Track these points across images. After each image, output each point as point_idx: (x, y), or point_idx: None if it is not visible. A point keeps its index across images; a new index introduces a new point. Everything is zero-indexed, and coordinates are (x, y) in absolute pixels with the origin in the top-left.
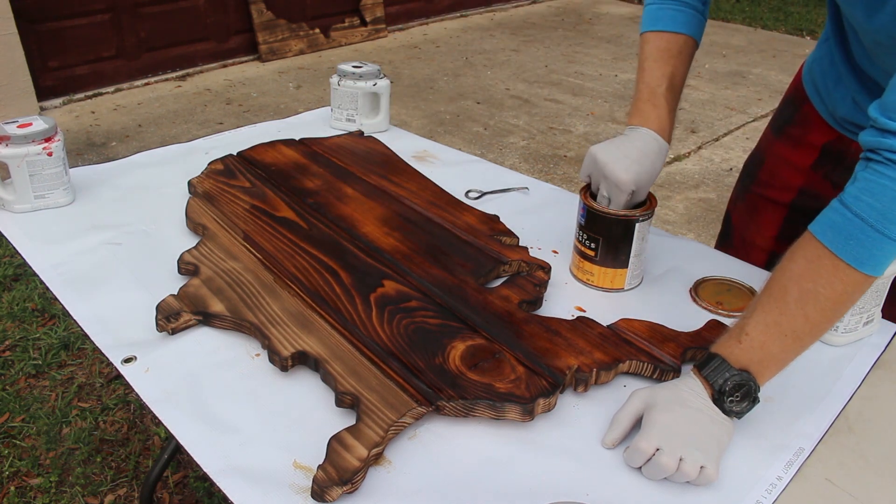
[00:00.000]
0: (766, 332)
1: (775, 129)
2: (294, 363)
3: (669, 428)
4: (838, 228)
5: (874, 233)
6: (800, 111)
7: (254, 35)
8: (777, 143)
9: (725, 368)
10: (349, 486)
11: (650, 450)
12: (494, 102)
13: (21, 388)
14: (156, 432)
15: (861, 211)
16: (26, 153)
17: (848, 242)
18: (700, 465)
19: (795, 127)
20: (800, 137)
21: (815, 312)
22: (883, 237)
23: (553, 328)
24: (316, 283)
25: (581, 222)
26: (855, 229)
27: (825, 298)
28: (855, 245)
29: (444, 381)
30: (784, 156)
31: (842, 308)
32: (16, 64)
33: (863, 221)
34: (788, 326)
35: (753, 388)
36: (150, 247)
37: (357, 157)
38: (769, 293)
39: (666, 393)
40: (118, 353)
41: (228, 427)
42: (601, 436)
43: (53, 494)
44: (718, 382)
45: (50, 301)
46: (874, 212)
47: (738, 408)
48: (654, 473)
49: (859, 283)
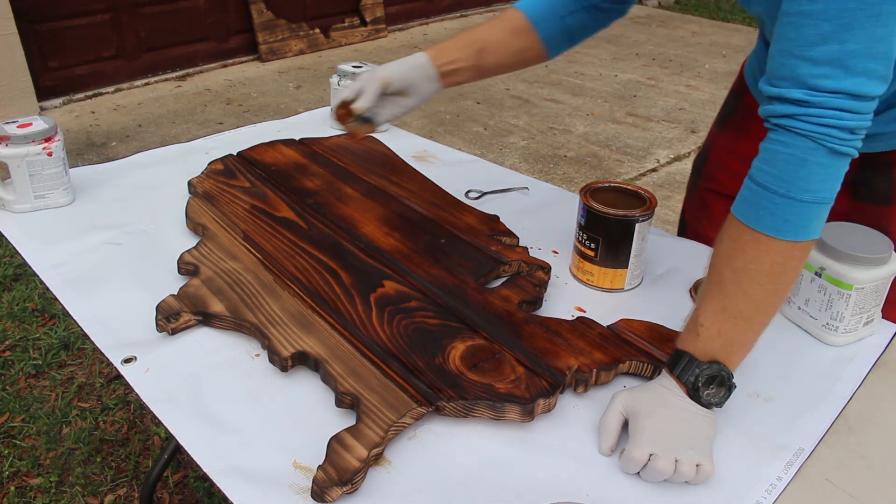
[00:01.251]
0: (717, 319)
1: (720, 122)
2: (294, 363)
3: (659, 432)
4: (749, 202)
5: (778, 198)
6: (742, 102)
7: (254, 35)
8: (721, 136)
9: (694, 364)
10: (349, 486)
11: (644, 457)
12: (494, 102)
13: (21, 388)
14: (156, 432)
15: (762, 180)
16: (26, 153)
17: (759, 213)
18: (696, 464)
19: (738, 118)
20: (742, 128)
21: (753, 289)
22: (787, 200)
23: (553, 328)
24: (316, 283)
25: (581, 222)
26: (762, 199)
27: (757, 273)
28: (766, 215)
29: (444, 381)
30: (729, 147)
31: (781, 279)
32: (16, 64)
33: (766, 190)
34: (734, 309)
35: (726, 377)
36: (150, 247)
37: (357, 158)
38: (710, 280)
39: (648, 395)
40: (118, 353)
41: (228, 427)
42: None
43: (53, 494)
44: (690, 380)
45: (50, 301)
46: (772, 178)
47: (715, 399)
48: (653, 477)
49: (787, 251)
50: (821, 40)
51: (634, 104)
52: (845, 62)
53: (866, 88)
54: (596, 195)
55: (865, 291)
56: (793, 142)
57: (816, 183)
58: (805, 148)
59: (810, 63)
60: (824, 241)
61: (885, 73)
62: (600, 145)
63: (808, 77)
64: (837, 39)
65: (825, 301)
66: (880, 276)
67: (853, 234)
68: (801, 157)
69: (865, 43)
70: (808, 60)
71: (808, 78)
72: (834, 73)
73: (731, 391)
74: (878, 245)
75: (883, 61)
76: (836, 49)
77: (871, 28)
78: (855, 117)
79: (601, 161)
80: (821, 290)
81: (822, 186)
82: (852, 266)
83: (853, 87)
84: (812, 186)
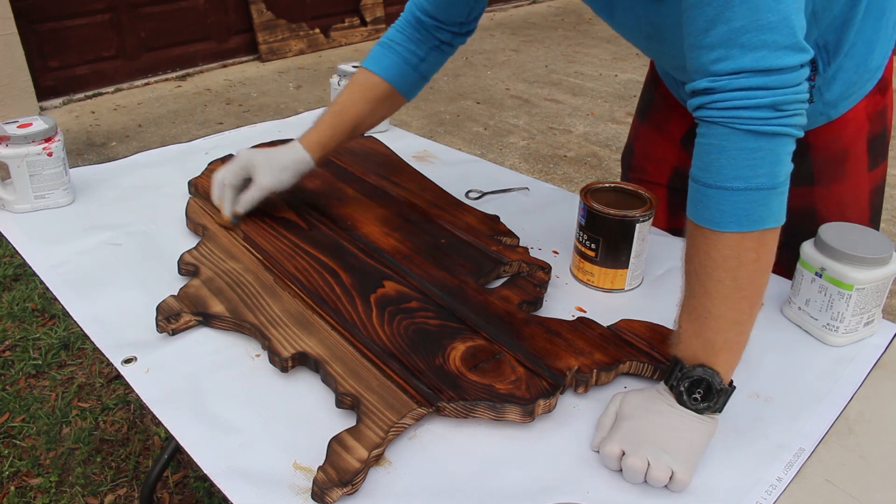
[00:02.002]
0: (690, 320)
1: (640, 115)
2: (294, 364)
3: (635, 432)
4: (691, 199)
5: (708, 189)
6: (657, 93)
7: (254, 35)
8: (642, 128)
9: (679, 368)
10: (349, 487)
11: (612, 452)
12: (494, 102)
13: (21, 388)
14: (156, 432)
15: (693, 174)
16: (26, 153)
17: (697, 208)
18: (669, 468)
19: (657, 110)
20: (662, 120)
21: (713, 286)
22: (716, 190)
23: (553, 329)
24: (316, 283)
25: (581, 223)
26: (696, 193)
27: (712, 269)
28: (703, 208)
29: (445, 382)
30: (650, 138)
31: (740, 272)
32: (16, 64)
33: (696, 182)
34: (703, 308)
35: (715, 381)
36: (150, 247)
37: (357, 158)
38: (683, 283)
39: (639, 398)
40: (118, 353)
41: (228, 428)
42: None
43: (53, 494)
44: (675, 385)
45: (50, 301)
46: (699, 170)
47: (704, 404)
48: (630, 476)
49: (737, 244)
50: (709, 25)
51: (634, 104)
52: (737, 40)
53: (770, 61)
54: (596, 195)
55: (866, 292)
56: (707, 130)
57: (745, 169)
58: (719, 135)
59: (707, 49)
60: (824, 241)
61: (790, 41)
62: (600, 145)
63: (707, 64)
64: (722, 20)
65: (825, 301)
66: (881, 277)
67: (853, 234)
68: (718, 144)
69: (750, 17)
70: (704, 48)
71: (708, 65)
72: (730, 54)
73: (726, 395)
74: (878, 245)
75: (782, 31)
76: (724, 29)
77: (751, 1)
78: (770, 93)
79: (601, 161)
80: (821, 291)
81: (754, 172)
82: (853, 266)
83: (754, 63)
84: (741, 173)
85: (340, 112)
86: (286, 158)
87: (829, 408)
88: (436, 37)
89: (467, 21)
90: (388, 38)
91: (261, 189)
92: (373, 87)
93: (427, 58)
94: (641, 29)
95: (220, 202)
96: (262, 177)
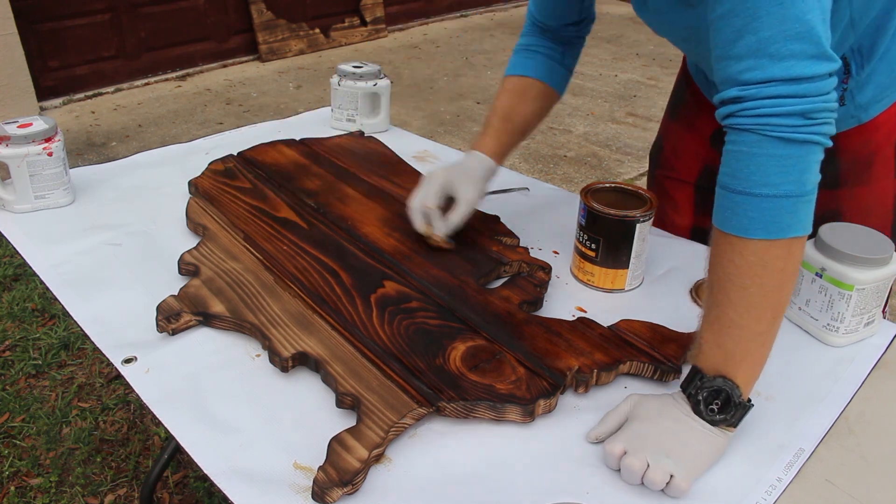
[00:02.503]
0: (713, 330)
1: (671, 112)
2: (294, 364)
3: (642, 434)
4: (718, 206)
5: (737, 196)
6: (689, 91)
7: (254, 35)
8: (673, 125)
9: (698, 378)
10: (350, 487)
11: (615, 451)
12: None
13: (21, 388)
14: (156, 432)
15: (721, 181)
16: (26, 153)
17: (725, 215)
18: (668, 473)
19: (687, 108)
20: (693, 118)
21: (737, 294)
22: (746, 196)
23: (553, 329)
24: (316, 283)
25: (581, 223)
26: (724, 200)
27: (737, 277)
28: (731, 215)
29: (445, 382)
30: (682, 136)
31: (765, 281)
32: (16, 64)
33: (725, 189)
34: (725, 318)
35: (732, 393)
36: (150, 247)
37: (357, 158)
38: (706, 291)
39: (654, 403)
40: (118, 353)
41: (229, 428)
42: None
43: (53, 494)
44: (693, 394)
45: (50, 301)
46: (728, 177)
47: (720, 416)
48: (626, 476)
49: (763, 251)
50: (737, 36)
51: (634, 104)
52: (766, 50)
53: (799, 70)
54: (596, 195)
55: (866, 292)
56: (738, 138)
57: (775, 176)
58: (749, 142)
59: (735, 60)
60: (825, 241)
61: (817, 50)
62: (600, 145)
63: (737, 74)
64: (750, 30)
65: (826, 302)
66: (881, 277)
67: (854, 234)
68: (749, 151)
69: (777, 27)
70: (732, 58)
71: (737, 74)
72: (759, 64)
73: (744, 410)
74: (879, 245)
75: (808, 41)
76: (753, 40)
77: (777, 12)
78: (800, 101)
79: (601, 161)
80: (821, 291)
81: (784, 179)
82: (853, 267)
83: (783, 72)
84: (771, 180)
85: (508, 117)
86: (479, 169)
87: (829, 408)
88: (562, 35)
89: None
90: (522, 45)
91: (469, 204)
92: (529, 89)
93: (566, 52)
94: (676, 32)
95: (428, 228)
96: (467, 192)
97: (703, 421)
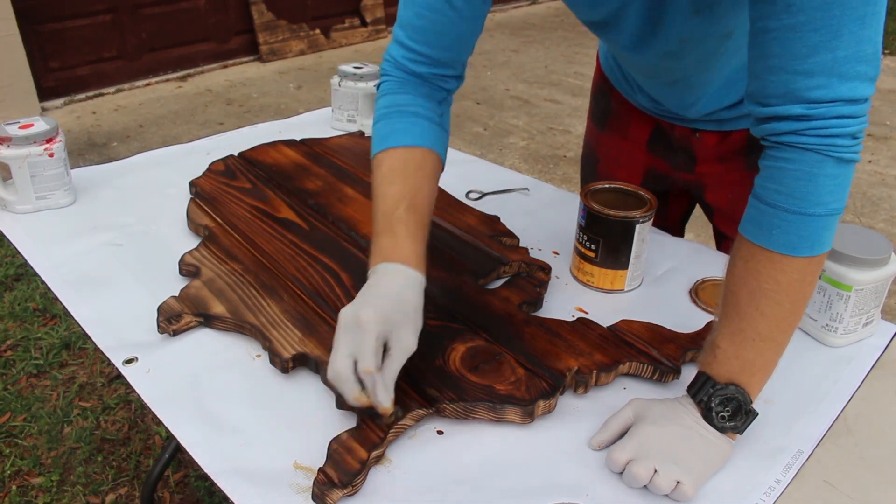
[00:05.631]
0: (734, 340)
1: (598, 123)
2: (295, 365)
3: (649, 440)
4: (758, 222)
5: (790, 215)
6: (613, 100)
7: (254, 36)
8: (605, 137)
9: (710, 385)
10: (350, 488)
11: (621, 459)
12: (494, 103)
13: (22, 388)
14: (157, 431)
15: (770, 199)
16: (28, 154)
17: (772, 233)
18: (675, 480)
19: (616, 118)
20: (625, 127)
21: (771, 309)
22: (800, 216)
23: (553, 329)
24: (317, 284)
25: (581, 223)
26: (773, 218)
27: (774, 292)
28: (780, 234)
29: (445, 382)
30: (617, 146)
31: (799, 296)
32: (17, 65)
33: (776, 209)
34: (752, 330)
35: (744, 401)
36: (151, 248)
37: (358, 158)
38: (725, 302)
39: (660, 407)
40: (119, 353)
41: (229, 428)
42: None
43: (55, 494)
44: (704, 400)
45: (51, 301)
46: (782, 196)
47: (730, 423)
48: (629, 482)
49: (804, 267)
50: (812, 52)
51: None
52: (838, 69)
53: (860, 92)
54: (596, 196)
55: (865, 293)
56: (799, 157)
57: (828, 195)
58: (812, 162)
59: (805, 76)
60: None
61: (875, 73)
62: None
63: (804, 90)
64: (828, 48)
65: (824, 302)
66: (880, 278)
67: (853, 235)
68: (810, 171)
69: (854, 48)
70: (801, 74)
71: (804, 91)
72: (829, 83)
73: (751, 417)
74: (877, 246)
75: (871, 63)
76: (829, 58)
77: (857, 32)
78: (855, 122)
79: None
80: (820, 292)
81: (834, 198)
82: (852, 267)
83: (849, 93)
84: (824, 199)
85: (413, 206)
86: (413, 298)
87: (828, 409)
88: (442, 88)
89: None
90: (394, 105)
91: (406, 353)
92: (423, 163)
93: (443, 113)
94: (662, 46)
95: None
96: (403, 337)
97: (711, 427)
